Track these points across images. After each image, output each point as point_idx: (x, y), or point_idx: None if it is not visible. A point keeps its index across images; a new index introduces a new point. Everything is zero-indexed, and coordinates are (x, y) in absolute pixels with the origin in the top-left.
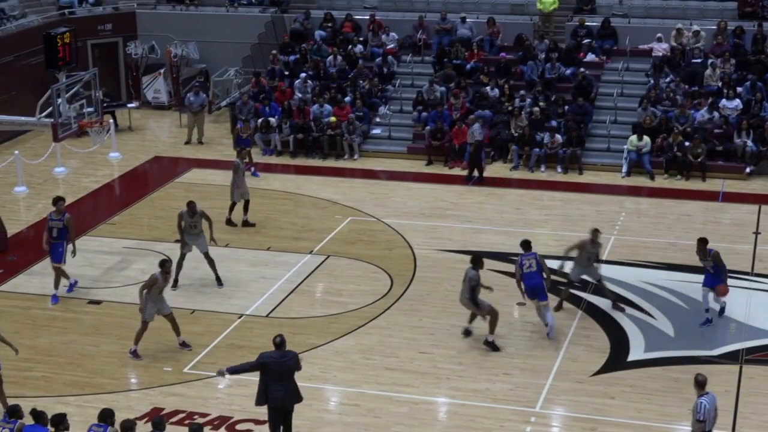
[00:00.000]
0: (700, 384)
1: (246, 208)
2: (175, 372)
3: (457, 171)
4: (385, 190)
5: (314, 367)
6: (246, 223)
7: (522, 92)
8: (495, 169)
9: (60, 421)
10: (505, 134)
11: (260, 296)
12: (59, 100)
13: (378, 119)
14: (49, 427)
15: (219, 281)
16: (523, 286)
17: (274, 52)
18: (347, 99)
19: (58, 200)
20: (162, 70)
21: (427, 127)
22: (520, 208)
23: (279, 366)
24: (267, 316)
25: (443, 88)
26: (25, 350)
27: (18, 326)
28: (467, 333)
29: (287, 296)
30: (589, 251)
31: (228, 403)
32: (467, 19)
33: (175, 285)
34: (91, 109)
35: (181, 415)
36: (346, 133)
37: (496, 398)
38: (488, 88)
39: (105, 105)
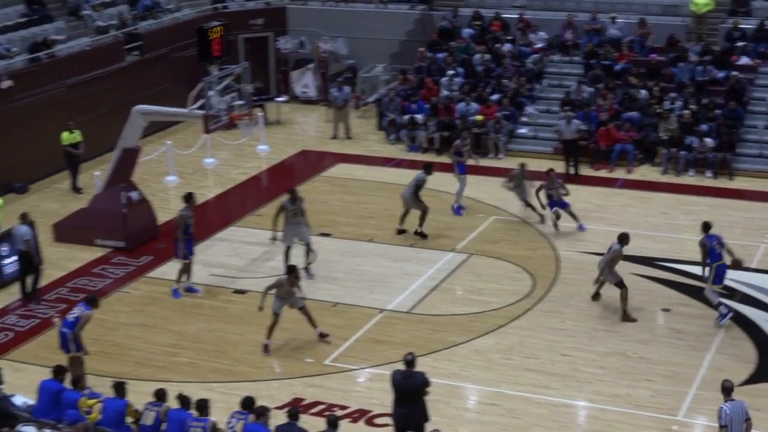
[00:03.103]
0: (726, 390)
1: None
2: (316, 364)
3: (603, 173)
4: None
5: (454, 365)
6: (419, 233)
7: (672, 95)
8: (642, 172)
9: (204, 406)
10: (654, 137)
11: (402, 292)
12: (210, 93)
13: (524, 118)
14: (192, 411)
15: (308, 272)
16: None
17: (421, 49)
18: (494, 97)
19: (192, 195)
20: (311, 65)
21: None
22: (666, 212)
23: (401, 386)
24: (408, 312)
25: (591, 89)
26: (173, 336)
27: (166, 312)
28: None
29: (429, 293)
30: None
31: (368, 397)
32: (617, 19)
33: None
34: (241, 102)
35: (321, 407)
36: (491, 132)
37: (637, 404)
38: (637, 90)
39: (255, 99)
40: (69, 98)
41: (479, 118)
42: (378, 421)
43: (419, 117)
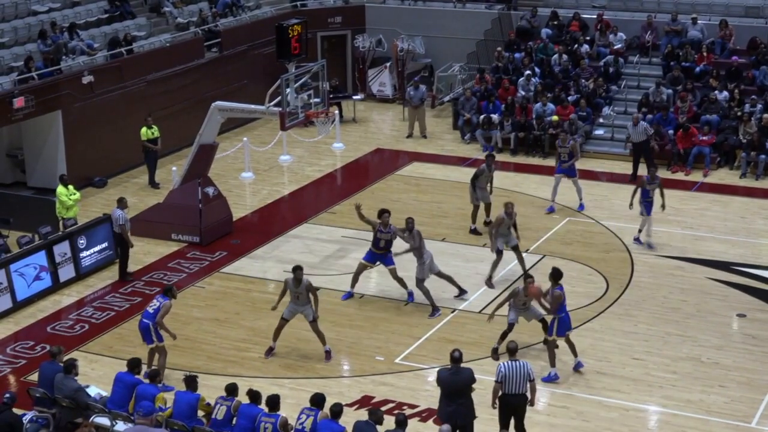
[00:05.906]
0: (511, 351)
1: (487, 211)
2: (386, 362)
3: (680, 176)
4: (605, 192)
5: None
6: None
7: (753, 97)
8: (720, 176)
9: (275, 402)
10: (733, 140)
11: (474, 292)
12: (288, 90)
13: (601, 120)
14: (263, 406)
15: (460, 290)
16: None
17: (499, 48)
18: (571, 98)
19: (383, 212)
20: (388, 64)
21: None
22: (744, 216)
23: (449, 383)
24: (480, 312)
25: (670, 91)
26: (245, 331)
27: (239, 307)
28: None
29: (501, 293)
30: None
31: (437, 396)
32: (698, 21)
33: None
34: (317, 100)
35: (391, 405)
36: (568, 133)
37: (709, 410)
38: (717, 92)
39: (331, 96)
40: (148, 94)
41: (555, 118)
42: None
43: (495, 117)
